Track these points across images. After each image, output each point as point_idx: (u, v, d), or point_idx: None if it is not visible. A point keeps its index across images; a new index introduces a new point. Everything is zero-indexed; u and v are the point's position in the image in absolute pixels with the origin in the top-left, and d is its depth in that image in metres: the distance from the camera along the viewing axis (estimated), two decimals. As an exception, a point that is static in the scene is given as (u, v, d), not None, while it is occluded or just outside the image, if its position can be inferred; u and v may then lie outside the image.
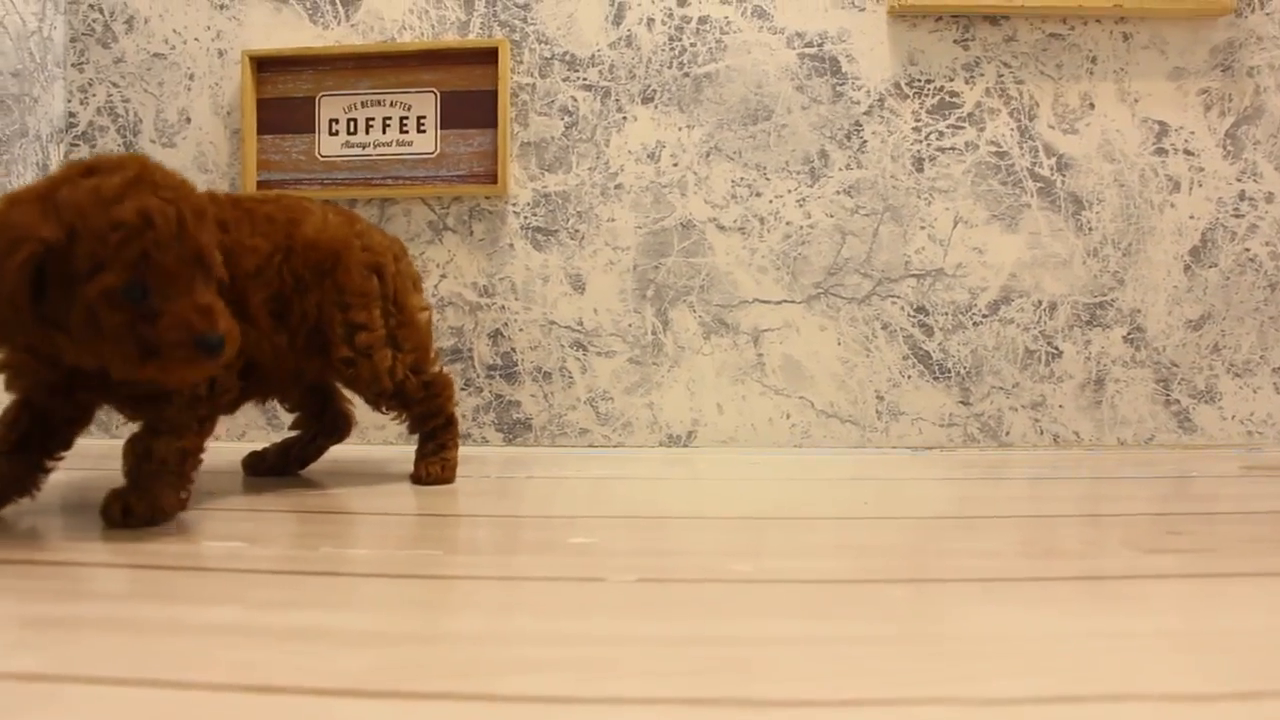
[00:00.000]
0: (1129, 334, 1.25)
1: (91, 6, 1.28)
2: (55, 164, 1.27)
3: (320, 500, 0.86)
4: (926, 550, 0.67)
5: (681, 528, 0.75)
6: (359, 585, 0.56)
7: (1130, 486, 0.96)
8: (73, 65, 1.28)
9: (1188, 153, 1.24)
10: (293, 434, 1.02)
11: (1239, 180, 1.24)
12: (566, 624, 0.48)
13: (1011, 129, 1.25)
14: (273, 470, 0.99)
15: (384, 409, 0.94)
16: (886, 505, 0.85)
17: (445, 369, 0.97)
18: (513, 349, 1.27)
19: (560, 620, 0.49)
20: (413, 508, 0.83)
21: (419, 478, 0.94)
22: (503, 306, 1.27)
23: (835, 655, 0.43)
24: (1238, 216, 1.24)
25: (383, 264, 0.91)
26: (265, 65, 1.27)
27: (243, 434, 1.29)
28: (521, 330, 1.27)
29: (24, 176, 1.20)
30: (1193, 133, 1.24)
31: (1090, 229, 1.25)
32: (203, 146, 1.29)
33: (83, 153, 1.30)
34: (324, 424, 1.01)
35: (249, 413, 1.28)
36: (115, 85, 1.29)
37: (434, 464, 0.94)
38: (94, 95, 1.29)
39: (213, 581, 0.56)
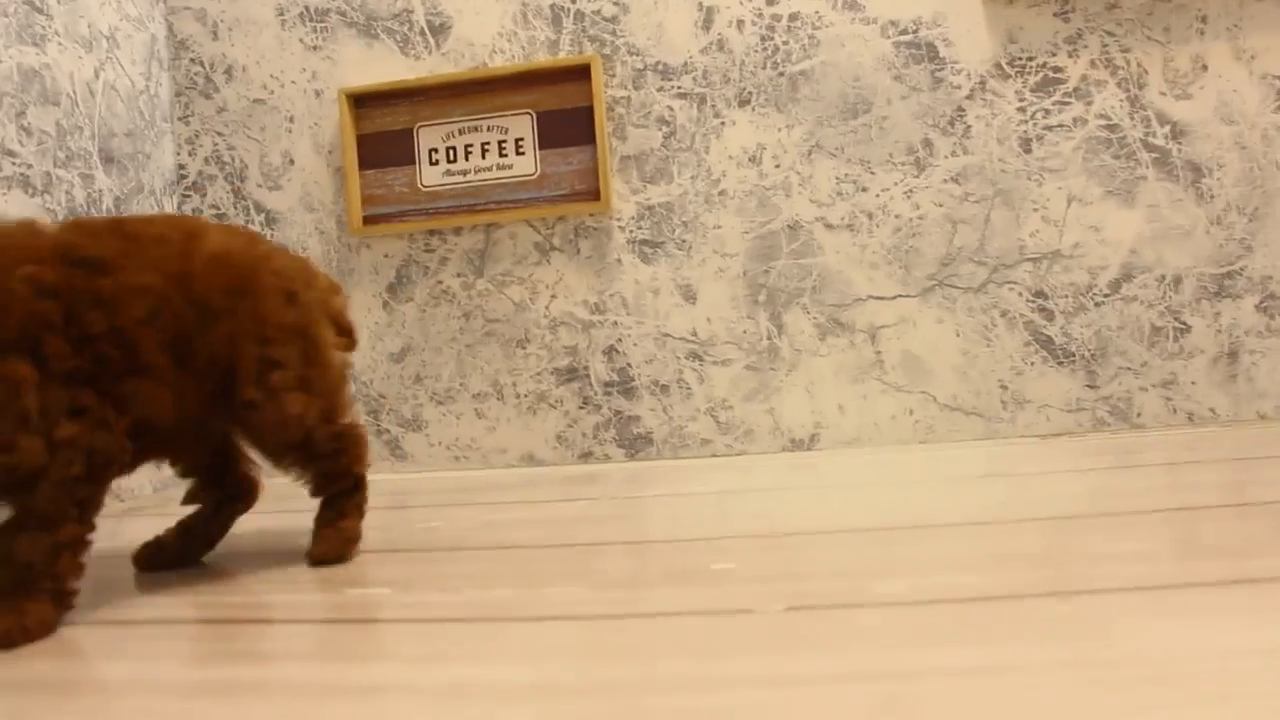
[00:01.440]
0: (1261, 302, 1.20)
1: (193, 60, 1.30)
2: (169, 216, 1.31)
3: (427, 537, 0.87)
4: (1075, 556, 0.65)
5: (820, 544, 0.74)
6: (504, 632, 0.56)
7: (1276, 468, 0.93)
8: (179, 119, 1.31)
9: (1312, 109, 1.19)
10: (189, 510, 0.83)
11: (1370, 134, 1.19)
12: (723, 665, 0.47)
13: (1121, 100, 1.21)
14: (178, 560, 0.80)
15: (285, 466, 0.77)
16: (1023, 504, 0.83)
17: (358, 422, 0.80)
18: (628, 364, 1.27)
19: (716, 662, 0.48)
20: (541, 538, 0.83)
21: (315, 557, 0.77)
22: (615, 322, 1.27)
23: (1010, 688, 0.42)
24: (1370, 171, 1.19)
25: (296, 290, 0.75)
26: (362, 101, 1.28)
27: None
28: (636, 345, 1.27)
29: (142, 231, 1.23)
30: (1316, 88, 1.19)
31: (1212, 196, 1.21)
32: (307, 186, 1.31)
33: (194, 204, 1.33)
34: (227, 488, 0.82)
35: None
36: (220, 134, 1.31)
37: (329, 537, 0.77)
38: (200, 146, 1.31)
39: (353, 635, 0.57)
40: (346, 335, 0.80)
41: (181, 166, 1.32)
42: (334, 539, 0.77)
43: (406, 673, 0.49)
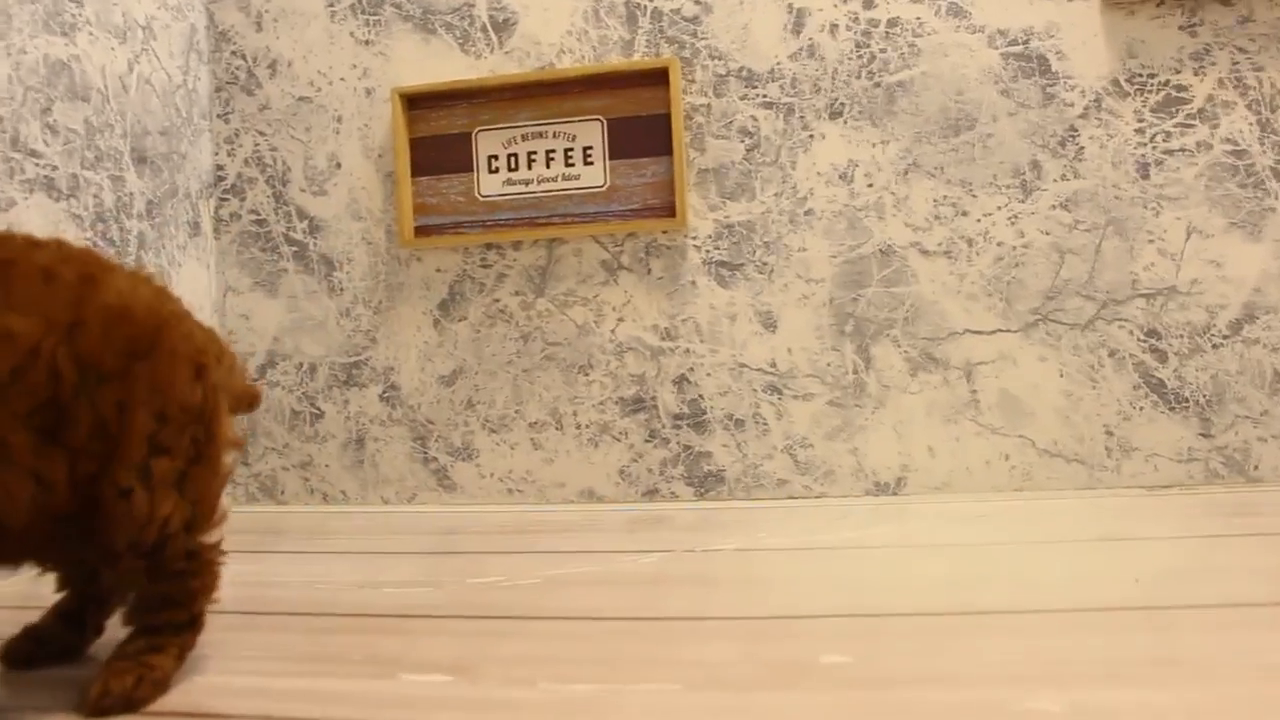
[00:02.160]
0: (1397, 349, 1.10)
1: (234, 53, 1.20)
2: (206, 221, 1.21)
3: (486, 598, 0.77)
4: (1253, 664, 0.54)
5: (942, 632, 0.64)
6: None
7: None
8: (218, 116, 1.21)
9: None
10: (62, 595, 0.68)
11: None
12: None
13: (1250, 124, 1.11)
14: (62, 653, 0.66)
15: (118, 573, 0.60)
16: (1164, 582, 0.73)
17: (220, 547, 0.64)
18: (700, 395, 1.17)
19: None
20: (619, 606, 0.73)
21: (94, 698, 0.56)
22: (687, 350, 1.17)
23: None
24: None
25: (205, 364, 0.61)
26: (416, 102, 1.18)
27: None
28: (709, 375, 1.17)
29: (175, 237, 1.14)
30: None
31: (1346, 232, 1.10)
32: (355, 193, 1.21)
33: (233, 208, 1.23)
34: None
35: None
36: (262, 134, 1.21)
37: (127, 671, 0.58)
38: (240, 146, 1.21)
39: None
40: (239, 444, 0.65)
41: (220, 168, 1.22)
42: (131, 676, 0.57)
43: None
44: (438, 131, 1.18)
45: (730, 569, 0.84)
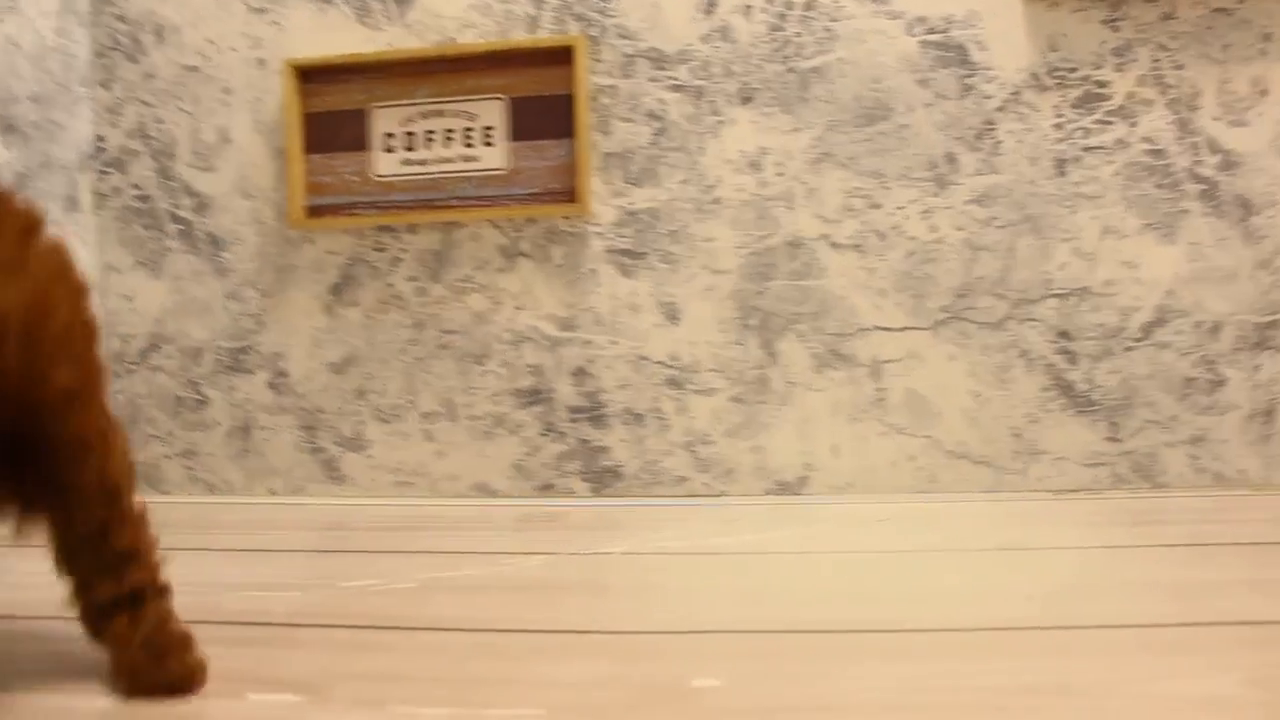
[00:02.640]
0: (1308, 357, 1.08)
1: (117, 17, 1.13)
2: (85, 195, 1.14)
3: (357, 604, 0.73)
4: (1150, 692, 0.51)
5: (826, 652, 0.60)
6: None
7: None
8: (99, 84, 1.14)
9: (1381, 145, 1.07)
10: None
11: None
12: None
13: (1169, 123, 1.08)
14: None
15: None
16: (1063, 598, 0.70)
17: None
18: (599, 389, 1.13)
19: None
20: (492, 616, 0.69)
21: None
22: (587, 341, 1.12)
23: None
24: None
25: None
26: (311, 75, 1.13)
27: (302, 487, 1.17)
28: (608, 367, 1.12)
29: (50, 212, 1.07)
30: (1388, 121, 1.06)
31: (1261, 237, 1.08)
32: (244, 170, 1.15)
33: (115, 182, 1.16)
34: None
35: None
36: (147, 104, 1.15)
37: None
38: (123, 116, 1.15)
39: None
40: None
41: (100, 138, 1.15)
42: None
43: None
44: (332, 107, 1.13)
45: (618, 575, 0.80)
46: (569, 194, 1.10)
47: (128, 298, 1.17)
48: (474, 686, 0.56)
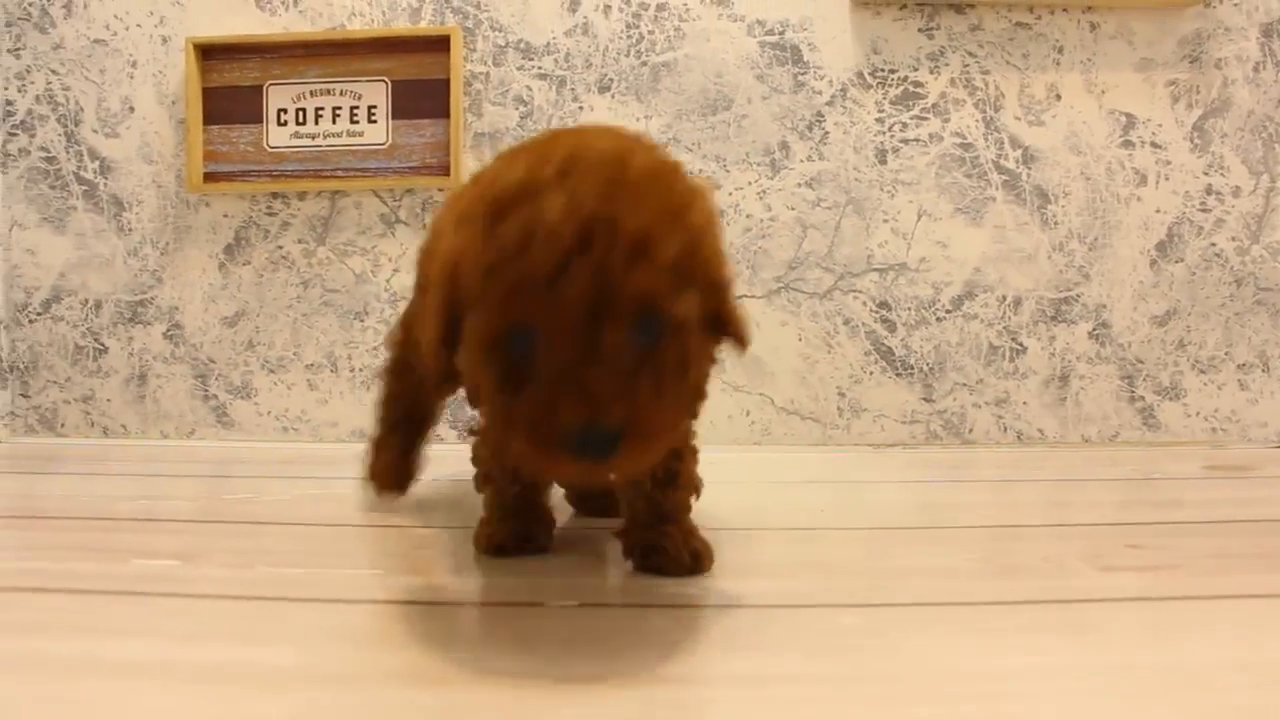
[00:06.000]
0: (1094, 330, 1.23)
1: (27, -9, 1.23)
2: (-7, 155, 1.23)
3: (234, 509, 0.83)
4: (883, 568, 0.64)
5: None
6: (284, 612, 0.53)
7: (1094, 490, 0.95)
8: (8, 51, 1.24)
9: (1155, 145, 1.22)
10: None
11: (1206, 174, 1.22)
12: (516, 660, 0.45)
13: (977, 120, 1.22)
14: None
15: None
16: (845, 513, 0.83)
17: None
18: (468, 345, 1.24)
19: (512, 657, 0.46)
20: (350, 515, 0.80)
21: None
22: (457, 302, 1.24)
23: (773, 699, 0.41)
24: (1204, 211, 1.22)
25: None
26: (210, 53, 1.23)
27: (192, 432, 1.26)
28: (476, 326, 1.24)
29: (-40, 168, 1.16)
30: (1160, 125, 1.22)
31: (1056, 223, 1.23)
32: (147, 137, 1.25)
33: (22, 143, 1.26)
34: None
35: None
36: (55, 72, 1.24)
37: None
38: (32, 83, 1.24)
39: (125, 608, 0.54)
40: None
41: (9, 103, 1.25)
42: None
43: (168, 650, 0.46)
44: (230, 83, 1.23)
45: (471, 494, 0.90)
46: (443, 168, 1.22)
47: (31, 252, 1.26)
48: (327, 556, 0.67)
